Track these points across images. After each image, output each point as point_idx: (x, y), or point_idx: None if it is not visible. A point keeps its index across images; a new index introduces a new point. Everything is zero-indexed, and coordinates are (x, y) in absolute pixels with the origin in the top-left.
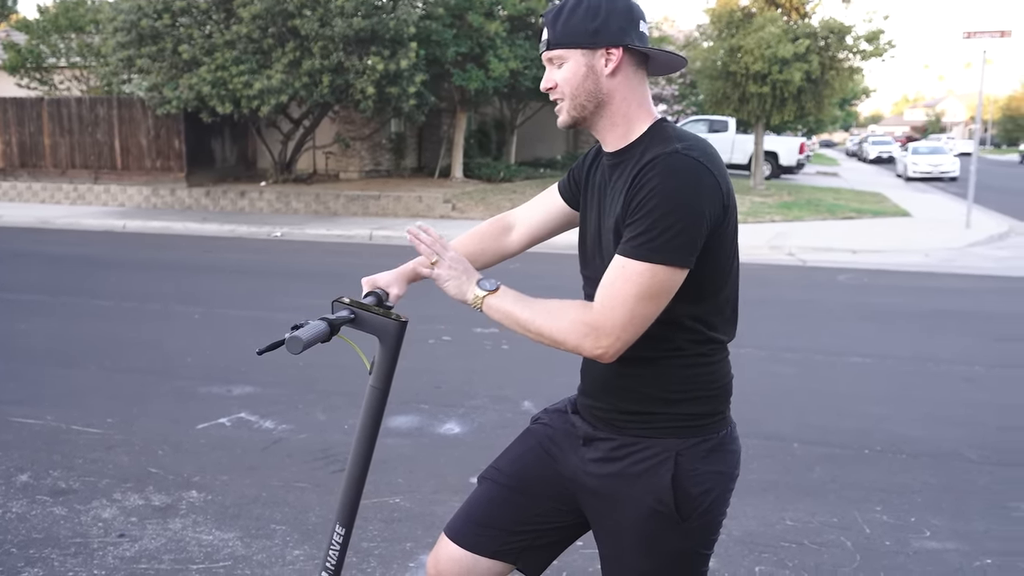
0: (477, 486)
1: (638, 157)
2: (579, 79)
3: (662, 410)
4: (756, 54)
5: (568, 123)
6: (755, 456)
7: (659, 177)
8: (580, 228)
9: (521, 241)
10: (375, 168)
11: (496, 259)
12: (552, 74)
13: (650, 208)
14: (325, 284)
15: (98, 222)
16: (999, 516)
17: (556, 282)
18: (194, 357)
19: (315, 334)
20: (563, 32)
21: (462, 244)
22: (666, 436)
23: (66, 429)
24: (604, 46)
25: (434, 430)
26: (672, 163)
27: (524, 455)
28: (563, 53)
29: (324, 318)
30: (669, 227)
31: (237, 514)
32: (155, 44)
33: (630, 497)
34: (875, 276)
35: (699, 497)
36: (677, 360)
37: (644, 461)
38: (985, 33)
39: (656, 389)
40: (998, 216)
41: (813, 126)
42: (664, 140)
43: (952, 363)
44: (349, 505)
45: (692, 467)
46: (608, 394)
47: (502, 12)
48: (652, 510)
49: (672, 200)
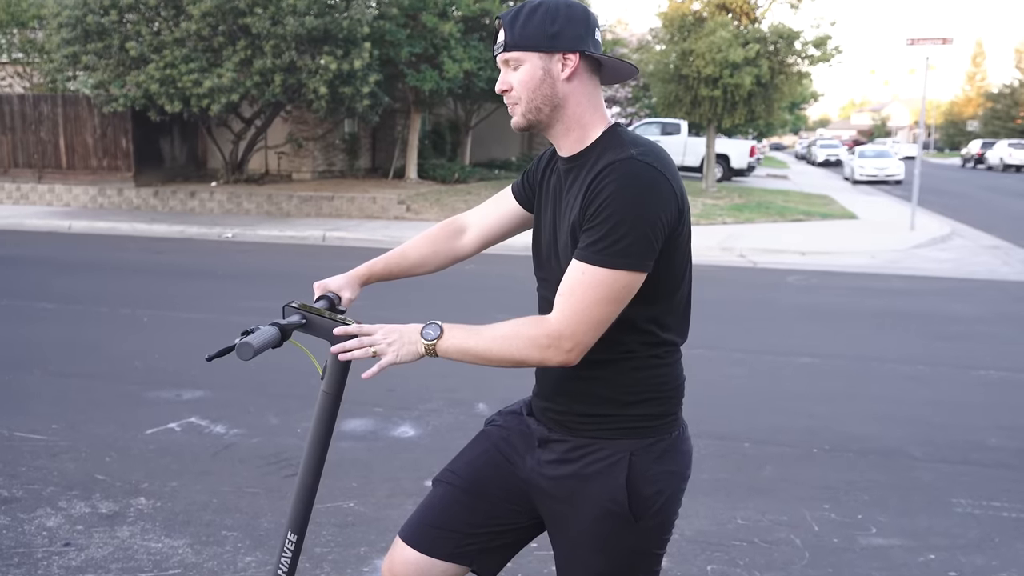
0: (432, 489)
1: (593, 162)
2: (536, 82)
3: (615, 412)
4: (707, 58)
5: (523, 125)
6: (707, 456)
7: (616, 183)
8: (534, 230)
9: (474, 243)
10: (328, 169)
11: (448, 261)
12: (507, 76)
13: (608, 214)
14: (278, 286)
15: (42, 222)
16: (942, 512)
17: (510, 283)
18: (142, 361)
19: (266, 340)
20: (521, 35)
21: (414, 247)
22: (619, 437)
23: (8, 436)
24: (561, 51)
25: (388, 433)
26: (628, 169)
27: (479, 457)
28: (520, 56)
29: (275, 323)
30: (627, 232)
31: (187, 520)
32: (101, 41)
33: (585, 498)
34: (823, 277)
35: (652, 497)
36: (630, 362)
37: (598, 462)
38: (928, 40)
39: (610, 391)
40: (941, 219)
41: (763, 129)
42: (619, 145)
43: (897, 362)
44: (301, 511)
45: (645, 468)
46: (562, 396)
47: (456, 13)
48: (607, 510)
49: (629, 205)
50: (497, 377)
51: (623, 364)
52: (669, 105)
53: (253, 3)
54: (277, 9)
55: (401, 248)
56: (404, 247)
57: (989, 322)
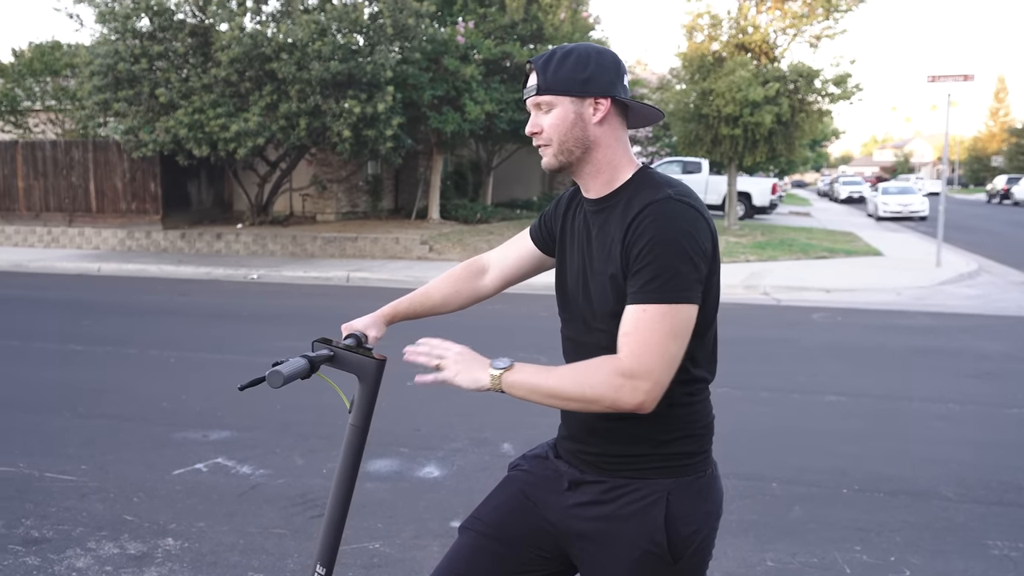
0: (458, 537)
1: (626, 202)
2: (567, 125)
3: (651, 451)
4: (727, 97)
5: (554, 166)
6: (734, 496)
7: (658, 223)
8: (558, 272)
9: (495, 283)
10: (352, 210)
11: (471, 300)
12: (538, 119)
13: (657, 253)
14: (302, 326)
15: (72, 265)
16: (977, 554)
17: (534, 323)
18: (169, 402)
19: (295, 370)
20: (553, 79)
21: (437, 286)
22: (656, 477)
23: (39, 477)
24: (593, 95)
25: (413, 474)
26: (668, 208)
27: (505, 503)
28: (552, 99)
29: (304, 355)
30: (679, 268)
31: (214, 562)
32: (132, 88)
33: (621, 539)
34: (848, 315)
35: (690, 537)
36: (665, 400)
37: (635, 503)
38: (949, 77)
39: (645, 430)
40: (967, 255)
41: (785, 167)
42: (653, 186)
43: (926, 401)
44: (330, 544)
45: (682, 507)
46: (596, 437)
47: (477, 56)
48: (645, 552)
49: (675, 242)
50: (522, 416)
51: (660, 403)
52: (690, 144)
53: (279, 49)
54: (303, 55)
55: (425, 288)
56: (428, 287)
57: (1019, 359)
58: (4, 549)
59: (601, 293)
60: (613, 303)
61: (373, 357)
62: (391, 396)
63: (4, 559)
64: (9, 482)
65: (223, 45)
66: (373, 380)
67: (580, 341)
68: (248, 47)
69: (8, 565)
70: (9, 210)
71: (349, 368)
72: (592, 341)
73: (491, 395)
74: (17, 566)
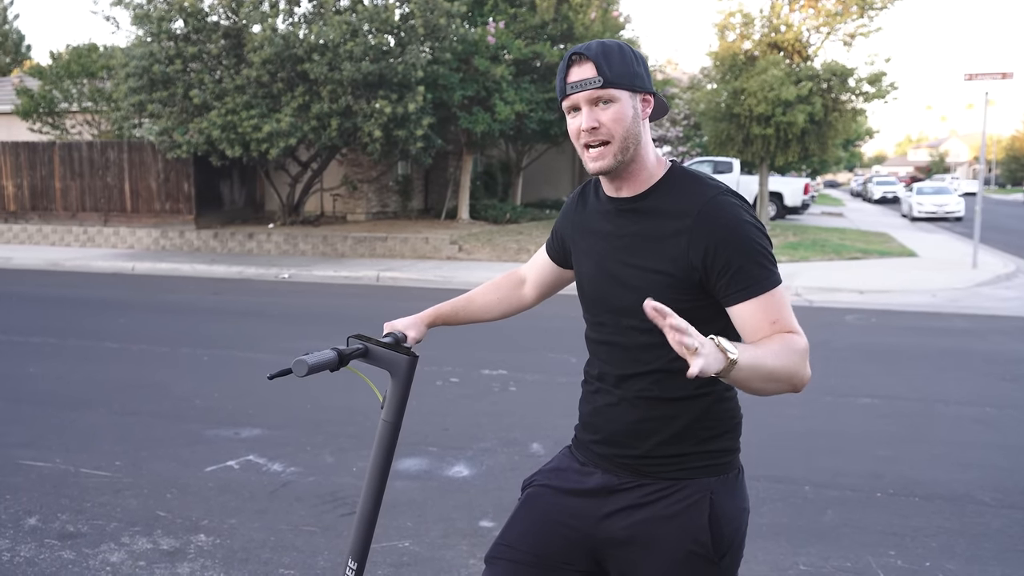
0: (489, 569)
1: (675, 199)
2: (629, 120)
3: (693, 449)
4: (759, 96)
5: (611, 167)
6: (766, 499)
7: (731, 223)
8: (578, 274)
9: (533, 294)
10: (382, 210)
11: (512, 310)
12: (596, 114)
13: (745, 251)
14: (332, 326)
15: (107, 264)
16: (1015, 560)
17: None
18: (202, 399)
19: (321, 360)
20: (616, 72)
21: (481, 293)
22: (699, 476)
23: (75, 472)
24: (643, 91)
25: (442, 473)
26: (728, 202)
27: (533, 524)
28: (615, 93)
29: (335, 348)
30: (767, 255)
31: (245, 558)
32: (166, 89)
33: (665, 541)
34: (882, 316)
35: (731, 535)
36: (708, 397)
37: (678, 503)
38: (986, 75)
39: (686, 428)
40: (1004, 256)
41: (817, 167)
42: (699, 181)
43: (962, 404)
44: (362, 539)
45: (724, 505)
46: (636, 439)
47: (507, 56)
48: (689, 552)
49: (753, 235)
50: (549, 418)
51: (702, 400)
52: (721, 144)
53: (311, 50)
54: (334, 55)
55: (468, 294)
56: (471, 293)
57: None
58: (40, 543)
59: (645, 288)
60: (668, 299)
61: (404, 354)
62: (419, 396)
63: (40, 553)
64: (46, 478)
65: (256, 46)
66: (405, 376)
67: (613, 342)
68: (280, 48)
69: (44, 559)
70: (46, 210)
71: (381, 364)
72: (624, 341)
73: (519, 396)
74: (53, 560)
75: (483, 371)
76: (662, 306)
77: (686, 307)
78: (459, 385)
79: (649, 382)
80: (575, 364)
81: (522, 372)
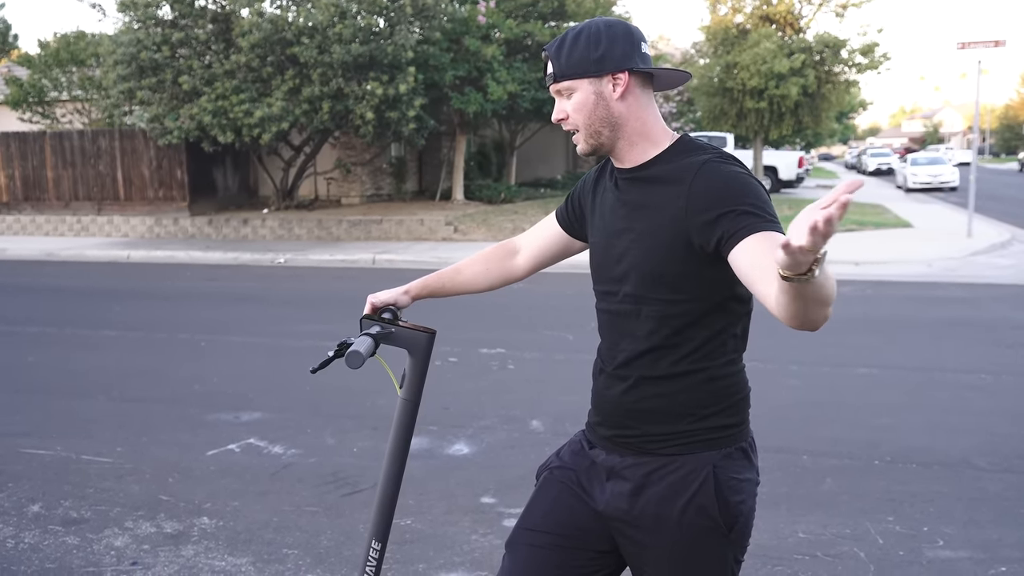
0: (510, 554)
1: (676, 166)
2: (590, 107)
3: (692, 426)
4: (752, 70)
5: (588, 151)
6: (765, 469)
7: (725, 177)
8: (592, 247)
9: (526, 265)
10: (376, 193)
11: (501, 281)
12: (563, 105)
13: (741, 200)
14: (330, 309)
15: (102, 253)
16: (1012, 523)
17: (559, 302)
18: (201, 384)
19: (368, 349)
20: (567, 64)
21: (468, 264)
22: (700, 451)
23: (76, 459)
24: (610, 72)
25: (443, 451)
26: (728, 166)
27: (555, 505)
28: (570, 84)
29: (367, 333)
30: (765, 206)
31: (249, 540)
32: (155, 76)
33: (674, 518)
34: (878, 287)
35: (738, 506)
36: (706, 373)
37: (683, 479)
38: (979, 43)
39: (686, 406)
40: (999, 224)
41: (811, 140)
42: (702, 149)
43: (958, 372)
44: (384, 519)
45: (728, 478)
46: (635, 419)
47: (499, 35)
48: (699, 526)
49: (749, 187)
50: (549, 395)
51: (699, 375)
52: (715, 118)
53: (300, 33)
54: (324, 38)
55: (455, 265)
56: (458, 264)
57: None
58: (44, 529)
59: (648, 252)
60: (664, 264)
61: (423, 331)
62: None
63: (45, 539)
64: (47, 465)
65: (244, 31)
66: (424, 353)
67: (613, 311)
68: (269, 32)
69: (49, 544)
70: (39, 200)
71: (400, 343)
72: (623, 310)
73: (517, 374)
74: (57, 545)
75: (481, 350)
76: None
77: (683, 271)
78: (458, 364)
79: (648, 360)
80: (572, 342)
81: (520, 350)
